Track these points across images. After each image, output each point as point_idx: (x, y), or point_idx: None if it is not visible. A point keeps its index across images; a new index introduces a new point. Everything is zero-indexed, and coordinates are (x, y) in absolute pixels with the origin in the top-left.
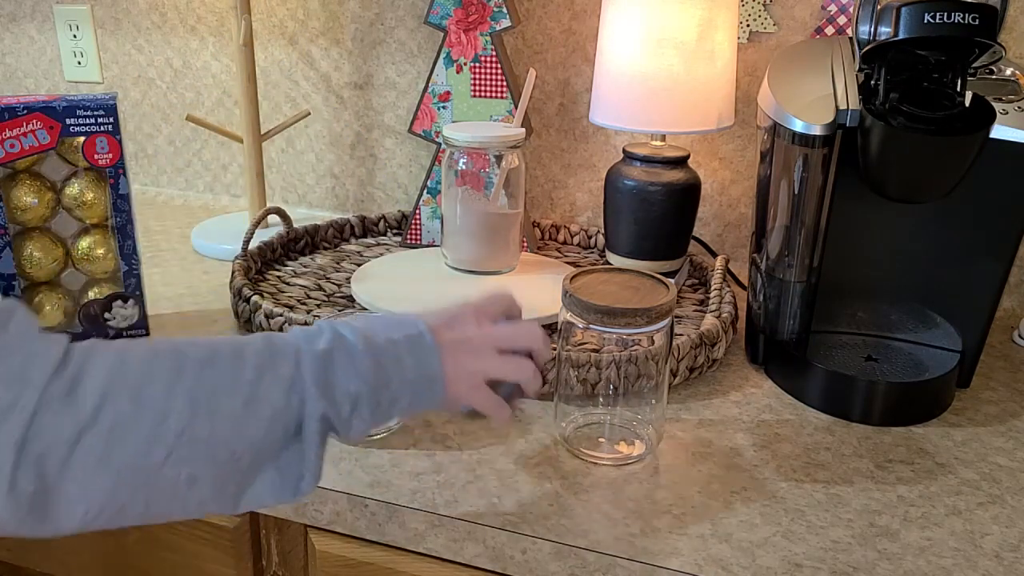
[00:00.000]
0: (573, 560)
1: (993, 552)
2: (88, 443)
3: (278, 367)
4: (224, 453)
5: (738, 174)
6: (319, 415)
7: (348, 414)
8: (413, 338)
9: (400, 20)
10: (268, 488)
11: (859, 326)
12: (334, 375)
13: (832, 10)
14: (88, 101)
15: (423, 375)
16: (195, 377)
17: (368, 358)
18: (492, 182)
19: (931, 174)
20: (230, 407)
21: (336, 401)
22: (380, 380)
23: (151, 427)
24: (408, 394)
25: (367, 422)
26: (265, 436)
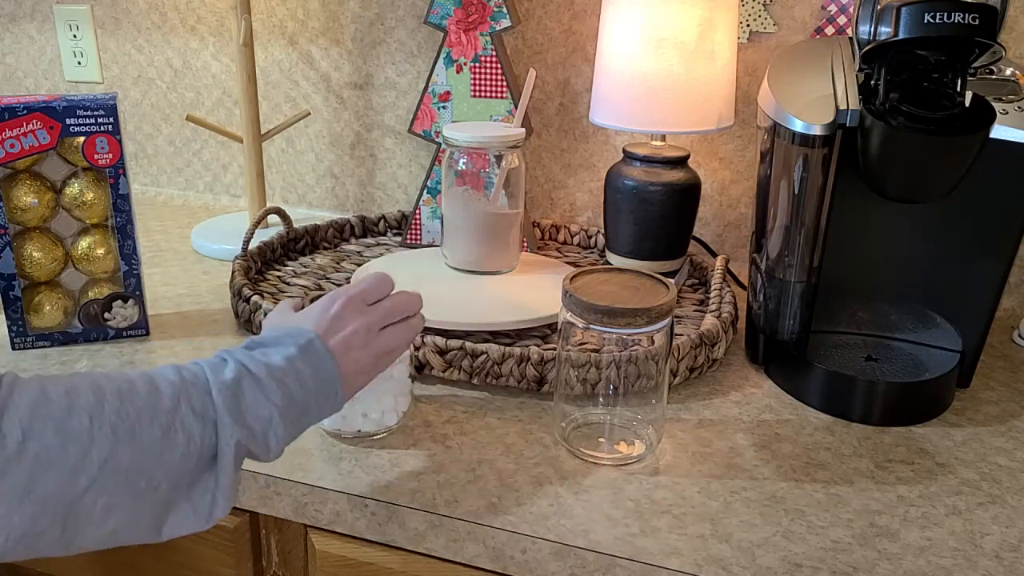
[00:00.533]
0: (573, 560)
1: (993, 552)
2: (12, 476)
3: (192, 398)
4: (142, 482)
5: (738, 174)
6: (235, 441)
7: (263, 437)
8: (305, 348)
9: (400, 20)
10: (183, 519)
11: (859, 326)
12: (245, 402)
13: (832, 10)
14: (88, 101)
15: (323, 381)
16: (116, 408)
17: (272, 381)
18: (492, 182)
19: (931, 174)
20: (150, 436)
21: (249, 426)
22: (287, 398)
23: (76, 458)
24: (314, 403)
25: (282, 440)
26: (181, 463)
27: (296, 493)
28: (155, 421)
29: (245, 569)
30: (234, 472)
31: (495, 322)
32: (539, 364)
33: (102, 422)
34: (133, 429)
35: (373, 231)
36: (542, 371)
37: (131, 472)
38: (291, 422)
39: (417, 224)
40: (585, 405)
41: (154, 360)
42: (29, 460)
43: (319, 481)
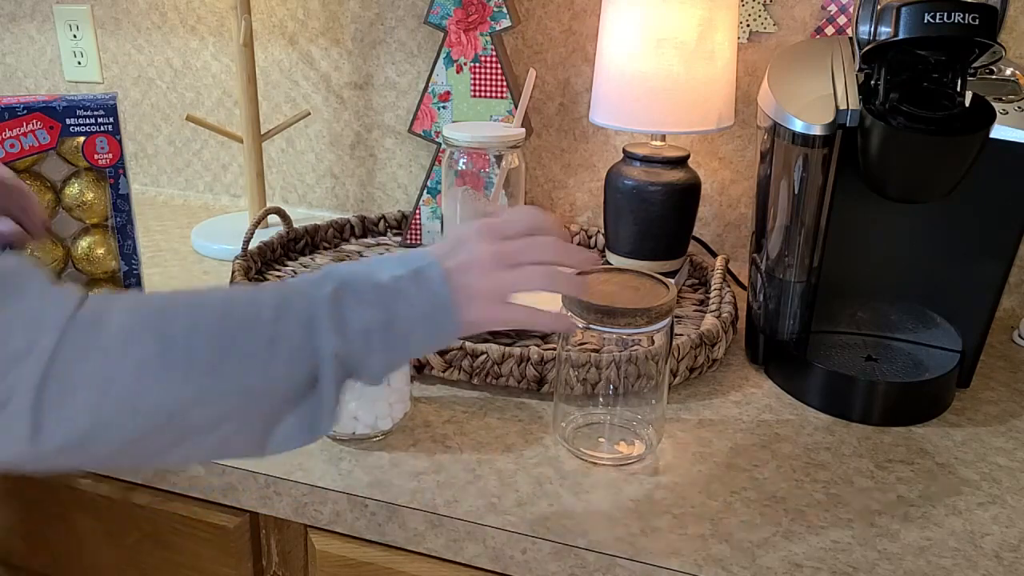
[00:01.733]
0: (573, 560)
1: (993, 552)
2: (117, 386)
3: (293, 307)
4: (248, 393)
5: (738, 174)
6: (333, 352)
7: (363, 351)
8: (418, 270)
9: (400, 20)
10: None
11: (859, 326)
12: (344, 312)
13: (832, 10)
14: (88, 101)
15: (432, 304)
16: (214, 316)
17: (376, 294)
18: (492, 182)
19: (931, 174)
20: (253, 345)
21: (349, 338)
22: (390, 314)
23: (180, 367)
24: (421, 326)
25: (384, 358)
26: (285, 375)
27: (296, 493)
28: (257, 330)
29: (245, 569)
30: (335, 388)
31: None
32: (539, 364)
33: (203, 329)
34: (235, 338)
35: (373, 231)
36: (542, 371)
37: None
38: (393, 342)
39: (417, 224)
40: (585, 405)
41: None
42: (132, 369)
43: (319, 481)
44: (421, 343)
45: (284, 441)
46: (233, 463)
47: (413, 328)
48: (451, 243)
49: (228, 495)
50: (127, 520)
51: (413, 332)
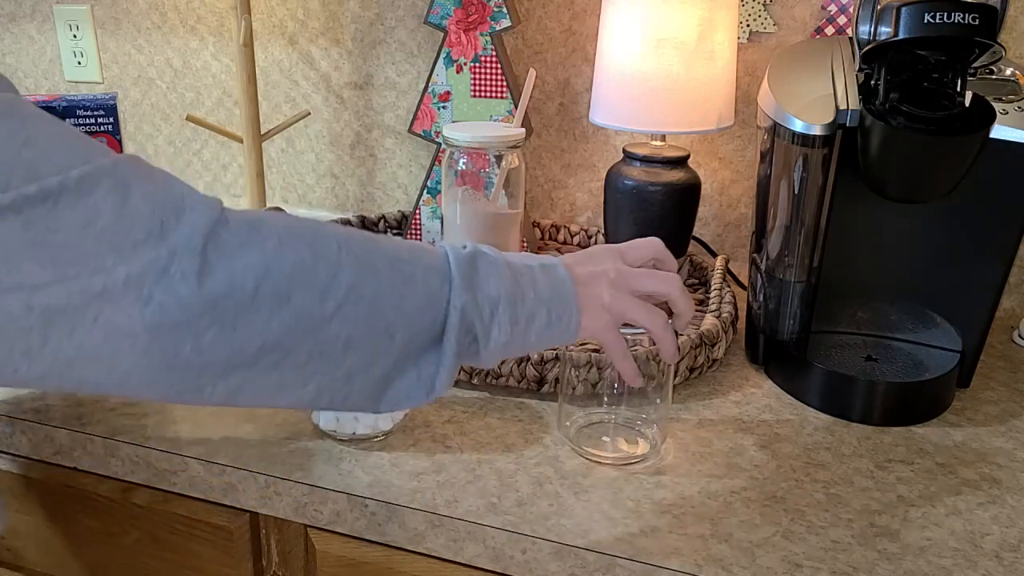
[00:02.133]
0: (573, 560)
1: (993, 552)
2: (273, 279)
3: (429, 257)
4: (381, 323)
5: (738, 174)
6: (461, 307)
7: (488, 318)
8: (548, 267)
9: (400, 20)
10: (408, 386)
11: (859, 326)
12: (477, 274)
13: (832, 10)
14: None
15: (559, 296)
16: (361, 244)
17: (507, 269)
18: (492, 182)
19: (931, 174)
20: (391, 278)
21: (478, 300)
22: (518, 292)
23: (326, 277)
24: (544, 312)
25: (506, 333)
26: (418, 315)
27: (296, 493)
28: (396, 267)
29: (245, 569)
30: (457, 345)
31: None
32: (539, 364)
33: (349, 251)
34: (376, 266)
35: (373, 231)
36: (542, 371)
37: (373, 309)
38: (517, 320)
39: (417, 224)
40: (589, 405)
41: None
42: (287, 267)
43: (319, 481)
44: (541, 333)
45: (402, 396)
46: (233, 463)
47: (537, 312)
48: (581, 254)
49: (228, 495)
50: (127, 520)
51: (536, 316)
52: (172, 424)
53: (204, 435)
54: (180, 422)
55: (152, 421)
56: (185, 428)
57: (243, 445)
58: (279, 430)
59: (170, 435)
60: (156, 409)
